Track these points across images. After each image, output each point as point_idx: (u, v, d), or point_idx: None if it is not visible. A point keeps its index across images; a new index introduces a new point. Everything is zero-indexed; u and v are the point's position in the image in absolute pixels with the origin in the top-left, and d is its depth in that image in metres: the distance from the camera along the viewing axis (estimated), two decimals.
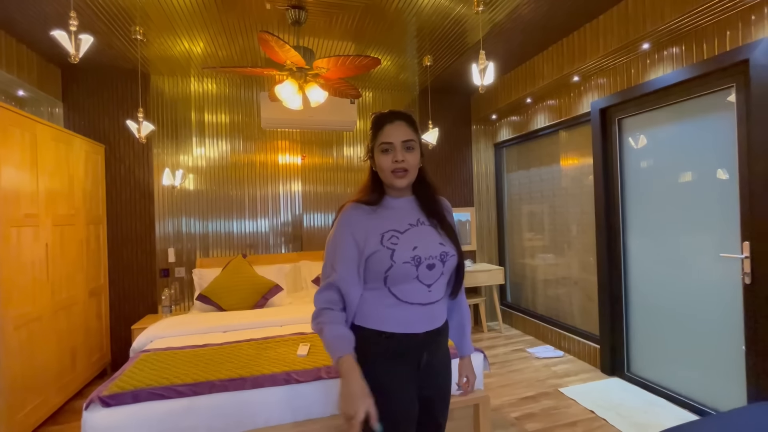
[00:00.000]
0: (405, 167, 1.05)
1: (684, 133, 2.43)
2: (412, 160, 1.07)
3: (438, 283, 1.07)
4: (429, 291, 1.06)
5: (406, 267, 1.02)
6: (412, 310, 1.05)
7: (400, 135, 1.06)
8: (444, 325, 1.14)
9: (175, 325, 2.47)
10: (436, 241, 1.08)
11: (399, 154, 1.05)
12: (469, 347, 1.28)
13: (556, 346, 3.51)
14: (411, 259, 1.02)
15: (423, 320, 1.06)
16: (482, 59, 2.35)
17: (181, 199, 3.48)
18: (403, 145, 1.06)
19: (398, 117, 1.09)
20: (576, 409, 2.45)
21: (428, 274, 1.04)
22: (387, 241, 1.03)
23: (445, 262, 1.07)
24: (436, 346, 1.12)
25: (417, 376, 1.08)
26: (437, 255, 1.06)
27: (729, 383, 2.17)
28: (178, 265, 3.45)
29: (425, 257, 1.04)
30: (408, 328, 1.05)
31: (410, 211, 1.12)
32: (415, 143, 1.08)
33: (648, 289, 2.70)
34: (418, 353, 1.07)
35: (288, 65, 2.33)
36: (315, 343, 2.08)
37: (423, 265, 1.03)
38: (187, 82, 3.53)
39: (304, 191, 3.79)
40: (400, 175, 1.06)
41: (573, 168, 3.37)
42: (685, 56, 2.30)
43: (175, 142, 3.49)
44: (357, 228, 1.06)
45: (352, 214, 1.07)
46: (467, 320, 1.27)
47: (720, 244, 2.22)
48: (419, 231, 1.08)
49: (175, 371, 1.75)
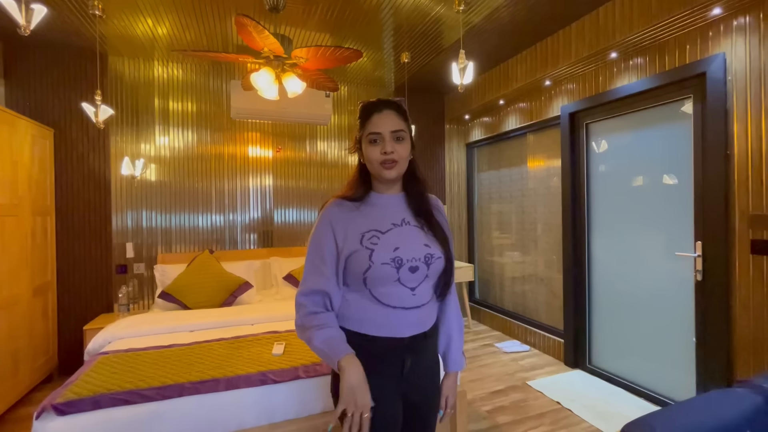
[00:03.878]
0: (394, 158, 1.00)
1: (644, 140, 2.59)
2: (401, 152, 1.01)
3: (423, 286, 1.01)
4: (413, 294, 1.00)
5: (385, 269, 0.96)
6: (395, 313, 0.99)
7: (389, 125, 1.00)
8: (432, 328, 1.07)
9: (135, 324, 2.30)
10: (420, 242, 1.02)
11: (388, 145, 0.99)
12: (455, 362, 1.13)
13: (522, 341, 3.64)
14: (391, 261, 0.97)
15: (407, 324, 1.00)
16: (462, 58, 2.37)
17: (141, 190, 3.25)
18: (393, 135, 1.00)
19: (387, 105, 1.02)
20: (543, 401, 2.55)
21: (411, 277, 0.99)
22: (367, 241, 0.98)
23: (429, 265, 1.01)
24: (422, 350, 1.05)
25: (400, 380, 1.02)
26: (421, 257, 1.00)
27: (681, 373, 2.35)
28: (137, 260, 3.22)
29: (407, 259, 0.98)
30: (390, 332, 0.99)
31: (396, 209, 1.06)
32: (405, 133, 1.03)
33: (609, 286, 2.86)
34: (401, 358, 1.01)
35: (265, 53, 2.23)
36: (290, 342, 2.02)
37: (405, 267, 0.98)
38: (151, 65, 3.30)
39: (275, 186, 3.67)
40: (389, 166, 1.00)
41: (540, 169, 3.50)
42: (649, 67, 2.45)
43: (136, 129, 3.25)
44: (337, 226, 1.01)
45: (334, 211, 1.03)
46: (456, 331, 1.13)
47: (675, 244, 2.38)
48: (403, 231, 1.02)
49: (140, 374, 1.63)
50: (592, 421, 2.29)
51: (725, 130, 2.05)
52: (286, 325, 2.31)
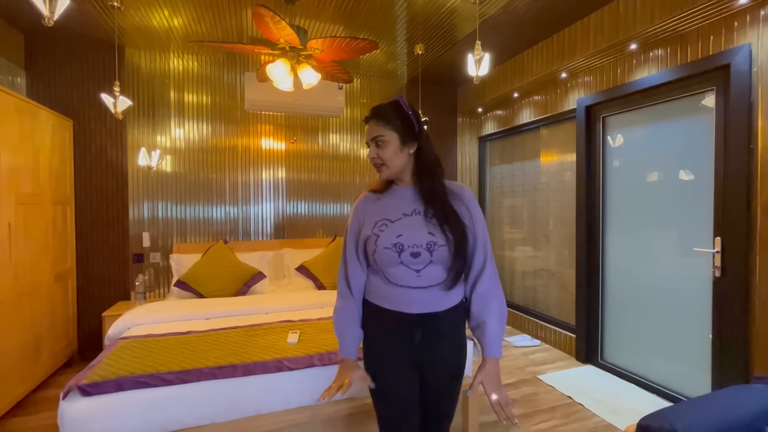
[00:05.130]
0: (377, 162, 1.15)
1: (662, 134, 2.54)
2: (383, 154, 1.13)
3: (429, 269, 1.11)
4: (418, 276, 1.11)
5: (387, 252, 1.11)
6: (402, 291, 1.12)
7: (372, 133, 1.14)
8: (450, 312, 1.15)
9: (154, 311, 2.36)
10: (424, 230, 1.11)
11: (372, 152, 1.15)
12: (488, 348, 1.13)
13: (532, 336, 3.63)
14: (392, 246, 1.11)
15: (415, 303, 1.12)
16: (478, 50, 2.35)
17: (157, 181, 3.31)
18: (374, 142, 1.14)
19: (372, 116, 1.15)
20: (554, 395, 2.55)
21: (414, 261, 1.10)
22: (377, 228, 1.14)
23: (432, 251, 1.10)
24: (435, 329, 1.14)
25: (412, 353, 1.14)
26: (423, 244, 1.10)
27: (695, 370, 2.32)
28: (154, 250, 3.29)
29: (408, 245, 1.10)
30: (400, 308, 1.13)
31: (409, 201, 1.17)
32: (385, 138, 1.12)
33: (623, 282, 2.83)
34: (410, 332, 1.13)
35: (281, 44, 2.24)
36: (304, 331, 2.05)
37: (406, 252, 1.10)
38: (166, 57, 3.33)
39: (287, 178, 3.69)
40: (378, 168, 1.16)
41: (554, 164, 3.46)
42: (670, 59, 2.39)
43: (152, 121, 3.30)
44: (361, 215, 1.20)
45: (360, 203, 1.23)
46: (492, 318, 1.13)
47: (692, 240, 2.35)
48: (411, 221, 1.13)
49: (160, 359, 1.67)
50: (604, 415, 2.28)
51: (749, 124, 2.00)
52: (300, 315, 2.34)
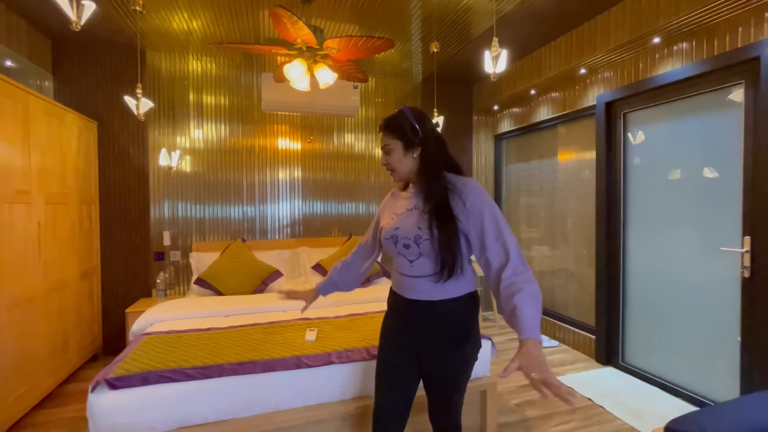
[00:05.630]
0: (388, 168, 1.30)
1: (686, 130, 2.46)
2: (390, 161, 1.29)
3: (420, 261, 1.22)
4: (411, 266, 1.24)
5: (387, 242, 1.29)
6: (402, 278, 1.29)
7: (382, 142, 1.31)
8: (443, 302, 1.21)
9: (175, 308, 2.41)
10: (414, 224, 1.23)
11: (383, 158, 1.31)
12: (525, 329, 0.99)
13: (551, 336, 3.57)
14: (390, 237, 1.28)
15: (408, 289, 1.27)
16: (495, 46, 2.32)
17: (177, 181, 3.38)
18: (383, 150, 1.30)
19: (381, 127, 1.30)
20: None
21: (407, 252, 1.24)
22: (385, 221, 1.34)
23: (419, 245, 1.21)
24: (429, 316, 1.24)
25: (407, 333, 1.29)
26: (412, 237, 1.22)
27: (722, 373, 2.25)
28: (174, 248, 3.36)
29: (401, 237, 1.25)
30: (400, 292, 1.30)
31: (414, 198, 1.31)
32: (390, 146, 1.27)
33: (645, 282, 2.76)
34: (405, 314, 1.29)
35: (298, 44, 2.26)
36: (322, 329, 2.06)
37: (400, 244, 1.25)
38: (186, 60, 3.40)
39: (303, 178, 3.73)
40: (390, 173, 1.32)
41: (572, 161, 3.40)
42: (695, 52, 2.32)
43: (172, 122, 3.37)
44: (382, 208, 1.44)
45: (386, 198, 1.45)
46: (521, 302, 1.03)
47: (719, 239, 2.27)
48: (408, 215, 1.27)
49: (182, 354, 1.70)
50: (626, 418, 2.23)
51: None
52: (317, 313, 2.36)
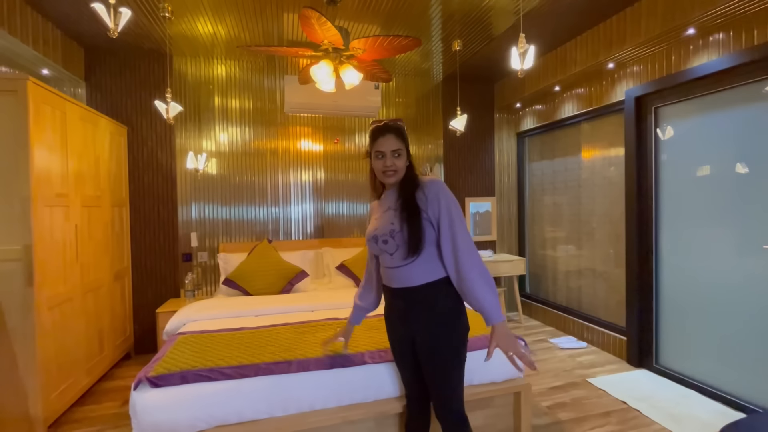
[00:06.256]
0: (394, 169, 1.37)
1: (722, 124, 2.37)
2: (399, 164, 1.38)
3: (398, 253, 1.37)
4: (392, 257, 1.39)
5: (370, 242, 1.44)
6: (387, 271, 1.43)
7: (390, 145, 1.36)
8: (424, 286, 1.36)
9: (206, 308, 2.45)
10: (389, 222, 1.39)
11: (389, 161, 1.36)
12: (490, 317, 1.28)
13: (578, 337, 3.50)
14: (371, 238, 1.43)
15: (394, 279, 1.40)
16: (522, 42, 2.28)
17: (204, 183, 3.44)
18: (393, 153, 1.37)
19: (389, 130, 1.38)
20: (607, 399, 2.44)
21: (386, 246, 1.39)
22: (369, 225, 1.50)
23: (395, 237, 1.36)
24: (414, 300, 1.38)
25: (401, 318, 1.44)
26: (388, 232, 1.38)
27: (766, 376, 2.15)
28: (201, 249, 3.42)
29: (379, 235, 1.40)
30: (388, 284, 1.44)
31: (388, 200, 1.44)
32: (402, 150, 1.38)
33: (679, 282, 2.67)
34: (397, 302, 1.44)
35: (325, 45, 2.27)
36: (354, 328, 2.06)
37: (379, 240, 1.40)
38: (211, 64, 3.47)
39: (326, 179, 3.75)
40: (390, 174, 1.38)
41: (597, 159, 3.32)
42: (733, 43, 2.24)
43: (198, 126, 3.44)
44: (370, 216, 1.55)
45: (371, 209, 1.57)
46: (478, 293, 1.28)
47: (762, 237, 2.18)
48: (384, 215, 1.42)
49: (218, 354, 1.73)
50: (665, 423, 2.16)
51: None
52: (345, 313, 2.36)
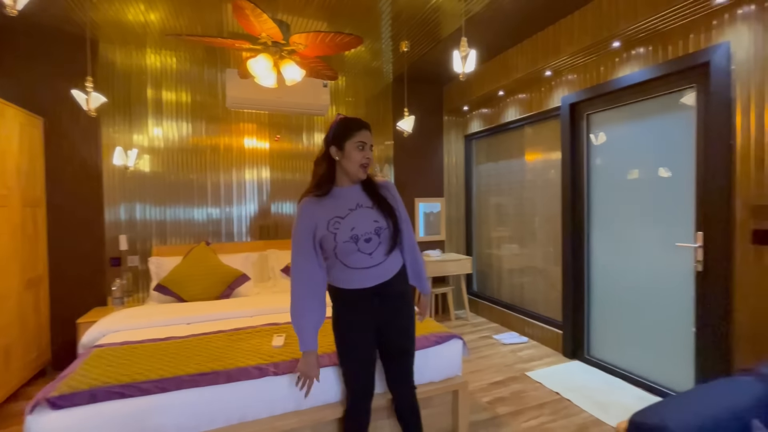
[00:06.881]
0: (368, 163, 1.44)
1: (645, 131, 2.57)
2: (372, 160, 1.47)
3: (378, 250, 1.41)
4: (370, 257, 1.41)
5: (347, 245, 1.38)
6: (358, 273, 1.41)
7: (369, 139, 1.44)
8: (396, 276, 1.48)
9: (131, 317, 2.26)
10: (371, 219, 1.42)
11: (368, 153, 1.43)
12: (423, 288, 1.65)
13: (520, 333, 3.64)
14: (350, 238, 1.38)
15: (368, 279, 1.42)
16: (464, 46, 2.32)
17: (135, 182, 3.18)
18: (369, 147, 1.44)
19: (367, 125, 1.46)
20: (542, 391, 2.55)
21: (367, 246, 1.39)
22: (332, 227, 1.39)
23: (380, 234, 1.41)
24: (387, 292, 1.46)
25: (373, 315, 1.45)
26: (372, 230, 1.40)
27: (679, 363, 2.36)
28: (132, 253, 3.16)
29: (362, 234, 1.39)
30: (357, 285, 1.42)
31: (352, 197, 1.44)
32: (372, 145, 1.47)
33: (608, 277, 2.86)
34: (370, 300, 1.44)
35: (263, 38, 2.17)
36: (291, 334, 1.99)
37: (361, 240, 1.38)
38: (143, 53, 3.21)
39: (272, 178, 3.61)
40: (365, 169, 1.43)
41: (539, 161, 3.48)
42: (652, 56, 2.42)
43: (128, 119, 3.17)
44: (312, 216, 1.42)
45: (306, 207, 1.43)
46: (419, 267, 1.61)
47: (675, 235, 2.38)
48: (357, 213, 1.41)
49: (137, 367, 1.59)
50: (592, 410, 2.30)
51: (728, 121, 2.04)
52: (286, 317, 2.27)
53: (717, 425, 1.09)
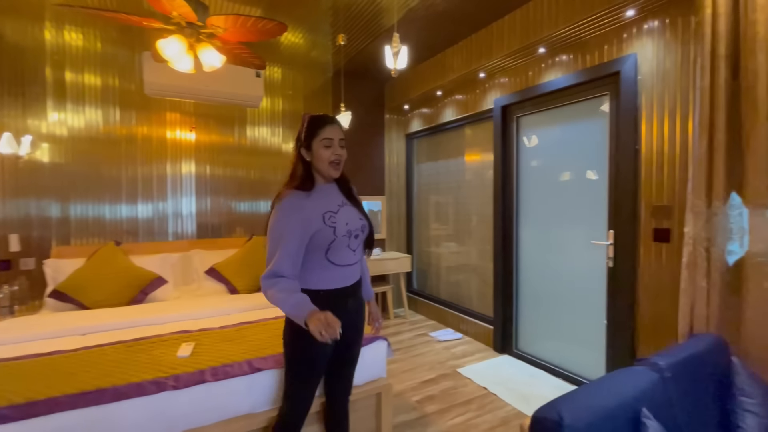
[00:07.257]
0: (339, 160, 1.37)
1: (569, 135, 2.70)
2: (344, 155, 1.38)
3: (360, 248, 1.44)
4: (354, 254, 1.41)
5: (344, 239, 1.34)
6: (344, 270, 1.38)
7: (338, 134, 1.36)
8: (360, 278, 1.49)
9: (14, 329, 1.96)
10: (357, 217, 1.43)
11: (338, 150, 1.35)
12: (370, 292, 1.65)
13: (455, 329, 3.71)
14: (346, 233, 1.35)
15: (350, 276, 1.41)
16: (396, 42, 2.29)
17: (30, 173, 2.79)
18: (339, 142, 1.37)
19: (335, 120, 1.39)
20: (471, 387, 2.60)
21: (355, 242, 1.40)
22: (328, 221, 1.33)
23: (364, 232, 1.44)
24: (357, 293, 1.48)
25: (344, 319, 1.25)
26: (359, 227, 1.41)
27: (593, 354, 2.51)
28: (25, 255, 2.77)
29: (354, 230, 1.38)
30: (340, 284, 1.37)
31: (335, 195, 1.42)
32: (344, 142, 1.39)
33: (534, 274, 2.99)
34: (346, 300, 1.40)
35: (175, 18, 1.97)
36: (201, 342, 1.83)
37: (353, 236, 1.38)
38: (40, 27, 2.82)
39: (198, 173, 3.35)
40: (335, 167, 1.36)
41: (476, 162, 3.56)
42: (573, 63, 2.55)
43: (21, 101, 2.77)
44: (299, 212, 1.30)
45: (294, 201, 1.31)
46: (366, 270, 1.65)
47: (592, 234, 2.53)
48: (345, 210, 1.40)
49: (1, 390, 1.35)
50: (516, 404, 2.37)
51: (635, 128, 2.19)
52: (200, 324, 2.10)
53: (609, 415, 1.14)
